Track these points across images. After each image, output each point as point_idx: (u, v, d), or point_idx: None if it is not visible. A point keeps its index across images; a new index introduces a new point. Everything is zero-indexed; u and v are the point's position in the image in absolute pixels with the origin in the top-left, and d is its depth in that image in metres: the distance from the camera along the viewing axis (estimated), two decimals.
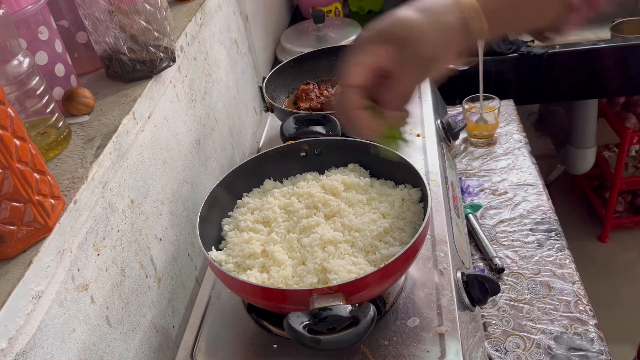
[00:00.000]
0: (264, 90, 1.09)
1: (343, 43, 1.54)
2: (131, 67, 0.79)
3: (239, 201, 0.84)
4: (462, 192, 1.22)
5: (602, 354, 0.86)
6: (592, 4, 0.60)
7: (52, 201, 0.56)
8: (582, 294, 0.96)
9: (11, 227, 0.52)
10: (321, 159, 0.88)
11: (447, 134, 1.14)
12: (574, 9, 0.59)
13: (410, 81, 0.51)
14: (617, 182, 2.20)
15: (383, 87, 0.52)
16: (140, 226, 0.79)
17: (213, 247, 0.77)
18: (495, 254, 1.04)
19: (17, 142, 0.52)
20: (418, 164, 0.87)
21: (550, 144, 2.51)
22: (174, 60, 0.83)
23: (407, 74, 0.51)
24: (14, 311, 0.50)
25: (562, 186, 2.60)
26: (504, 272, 1.02)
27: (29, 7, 0.67)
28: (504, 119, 1.42)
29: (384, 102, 0.52)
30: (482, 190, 1.21)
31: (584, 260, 1.70)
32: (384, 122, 0.52)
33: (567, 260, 1.03)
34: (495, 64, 1.61)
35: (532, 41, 1.67)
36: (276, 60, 1.66)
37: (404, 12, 0.52)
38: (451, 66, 0.54)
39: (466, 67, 1.57)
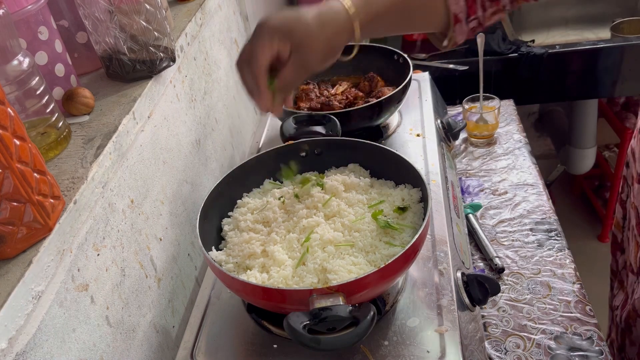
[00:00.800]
0: None
1: None
2: (131, 67, 0.79)
3: (239, 201, 0.84)
4: (462, 192, 1.22)
5: (602, 354, 0.86)
6: (482, 21, 0.75)
7: (52, 201, 0.56)
8: (582, 294, 0.96)
9: (11, 227, 0.52)
10: (321, 159, 0.88)
11: (447, 134, 1.14)
12: (459, 20, 0.74)
13: (294, 77, 0.67)
14: (617, 182, 2.20)
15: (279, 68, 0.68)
16: (140, 226, 0.79)
17: (213, 247, 0.77)
18: (495, 254, 1.04)
19: (17, 142, 0.51)
20: (418, 164, 0.87)
21: (550, 144, 2.51)
22: (174, 60, 0.83)
23: (293, 71, 0.67)
24: (14, 311, 0.50)
25: (562, 186, 2.60)
26: (504, 272, 1.02)
27: (29, 7, 0.67)
28: (504, 119, 1.42)
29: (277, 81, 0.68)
30: (482, 190, 1.21)
31: (584, 260, 1.70)
32: (272, 93, 0.68)
33: (567, 260, 1.03)
34: (495, 64, 1.61)
35: (532, 41, 1.67)
36: None
37: (307, 18, 0.66)
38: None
39: (466, 67, 1.57)
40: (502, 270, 1.02)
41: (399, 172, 0.82)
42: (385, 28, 0.74)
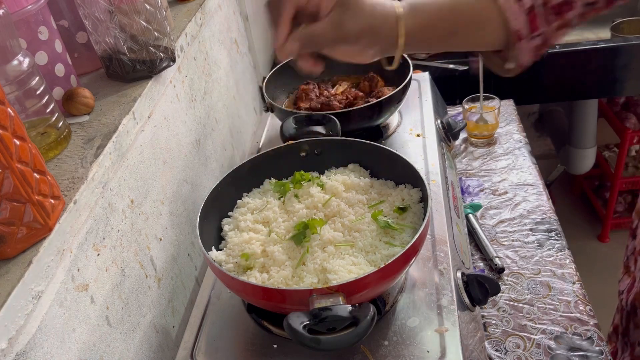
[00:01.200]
0: (264, 90, 1.09)
1: None
2: (131, 67, 0.79)
3: (239, 201, 0.84)
4: (462, 192, 1.22)
5: (602, 354, 0.86)
6: (547, 38, 0.66)
7: (52, 201, 0.56)
8: (582, 294, 0.96)
9: (11, 227, 0.52)
10: (321, 159, 0.88)
11: (447, 134, 1.14)
12: (521, 37, 0.65)
13: (323, 34, 0.61)
14: (617, 182, 2.20)
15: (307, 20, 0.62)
16: (140, 226, 0.79)
17: (213, 247, 0.77)
18: (495, 254, 1.04)
19: (17, 142, 0.52)
20: (418, 164, 0.87)
21: (550, 144, 2.51)
22: (174, 60, 0.83)
23: (326, 28, 0.61)
24: (14, 311, 0.50)
25: (562, 186, 2.60)
26: (504, 272, 1.02)
27: (29, 7, 0.67)
28: (504, 119, 1.42)
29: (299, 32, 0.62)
30: (482, 190, 1.21)
31: (584, 260, 1.70)
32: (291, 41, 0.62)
33: (567, 260, 1.03)
34: None
35: None
36: (276, 60, 1.66)
37: None
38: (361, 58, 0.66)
39: (466, 67, 1.57)
40: (502, 270, 1.02)
41: (399, 172, 0.82)
42: (432, 41, 0.69)
